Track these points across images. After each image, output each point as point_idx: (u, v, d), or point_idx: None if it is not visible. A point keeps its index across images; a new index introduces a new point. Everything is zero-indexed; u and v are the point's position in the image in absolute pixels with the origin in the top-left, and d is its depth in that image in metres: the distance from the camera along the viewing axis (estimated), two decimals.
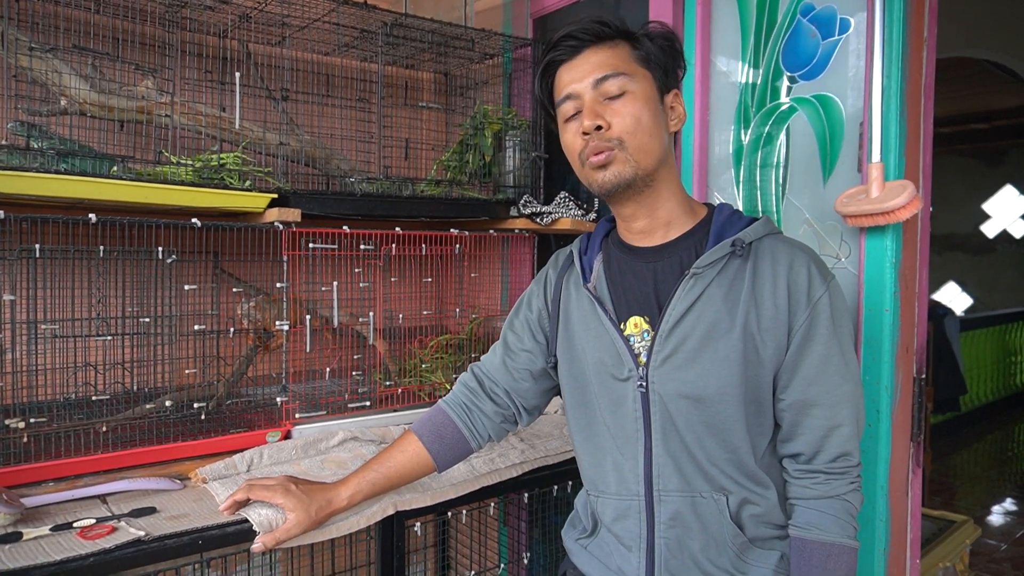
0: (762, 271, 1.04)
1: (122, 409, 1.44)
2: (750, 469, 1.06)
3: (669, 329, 1.06)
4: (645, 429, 1.09)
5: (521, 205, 1.90)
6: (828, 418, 1.02)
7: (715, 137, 1.67)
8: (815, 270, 1.04)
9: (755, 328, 1.03)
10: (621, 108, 1.05)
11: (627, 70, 1.06)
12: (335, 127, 1.88)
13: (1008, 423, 5.98)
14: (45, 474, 1.26)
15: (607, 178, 1.06)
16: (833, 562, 1.01)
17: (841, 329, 1.03)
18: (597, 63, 1.07)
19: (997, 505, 4.08)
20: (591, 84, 1.06)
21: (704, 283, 1.05)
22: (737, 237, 1.06)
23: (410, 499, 1.30)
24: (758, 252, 1.06)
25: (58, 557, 1.00)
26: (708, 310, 1.04)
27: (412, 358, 1.85)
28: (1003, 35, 4.61)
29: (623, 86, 1.05)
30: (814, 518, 1.03)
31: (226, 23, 1.68)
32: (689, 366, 1.05)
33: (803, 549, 1.03)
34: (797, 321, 1.02)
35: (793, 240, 1.09)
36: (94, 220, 1.31)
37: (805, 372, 1.03)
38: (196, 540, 1.11)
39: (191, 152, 1.55)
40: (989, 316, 6.21)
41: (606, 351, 1.11)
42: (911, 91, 1.32)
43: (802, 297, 1.02)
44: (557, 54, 1.10)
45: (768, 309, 1.03)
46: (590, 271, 1.18)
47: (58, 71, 1.41)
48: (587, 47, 1.08)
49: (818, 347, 1.02)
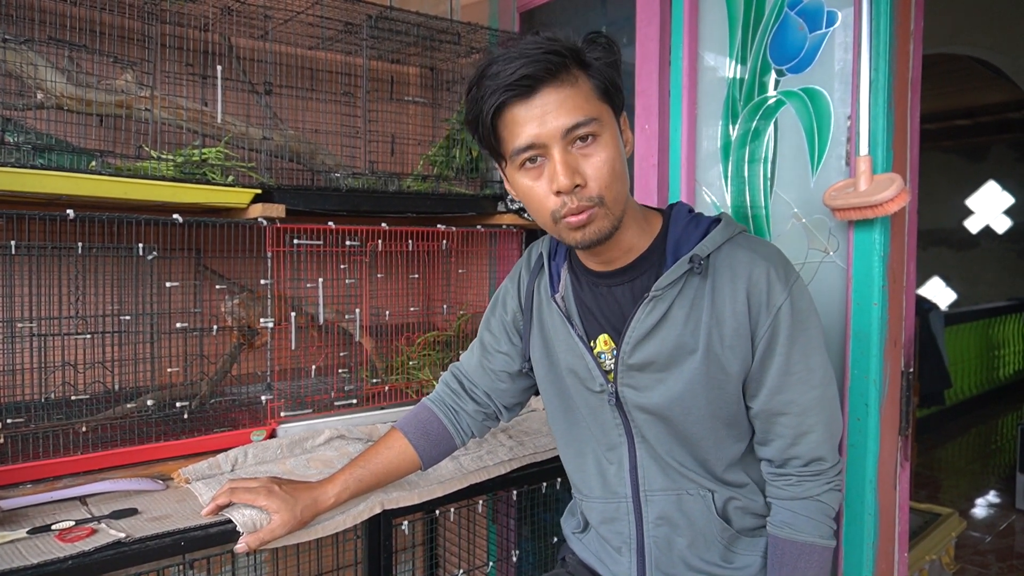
0: (721, 286, 1.02)
1: (103, 409, 1.41)
2: (720, 476, 1.08)
3: (630, 351, 1.05)
4: (627, 434, 1.11)
5: (508, 201, 1.89)
6: (795, 426, 1.03)
7: (703, 132, 1.66)
8: (775, 275, 1.01)
9: (719, 347, 1.02)
10: (594, 157, 0.96)
11: (594, 112, 0.96)
12: (319, 122, 1.85)
13: (991, 417, 6.04)
14: (23, 476, 1.23)
15: (587, 236, 0.99)
16: (804, 561, 1.03)
17: (806, 333, 1.01)
18: (560, 106, 0.94)
19: (981, 498, 4.12)
20: (559, 133, 0.94)
21: (665, 305, 1.03)
22: (694, 253, 1.02)
23: (397, 497, 1.28)
24: (716, 265, 1.03)
25: (35, 560, 0.98)
26: (671, 333, 1.03)
27: (399, 355, 1.83)
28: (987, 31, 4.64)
29: (593, 131, 0.96)
30: (788, 517, 1.04)
31: (208, 16, 1.65)
32: (654, 386, 1.05)
33: (776, 547, 1.05)
34: (759, 331, 1.01)
35: (754, 242, 1.05)
36: (72, 216, 1.28)
37: (770, 383, 1.02)
38: (179, 541, 1.09)
39: (172, 147, 1.53)
40: (973, 311, 6.27)
41: (578, 365, 1.12)
42: (898, 84, 1.32)
43: (762, 307, 1.00)
44: (509, 96, 0.95)
45: (730, 325, 1.01)
46: (558, 280, 1.15)
47: (34, 64, 1.38)
48: (543, 85, 0.94)
49: (779, 358, 1.01)
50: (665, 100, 1.69)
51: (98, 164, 1.41)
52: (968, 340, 5.97)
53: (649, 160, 1.70)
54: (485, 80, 0.96)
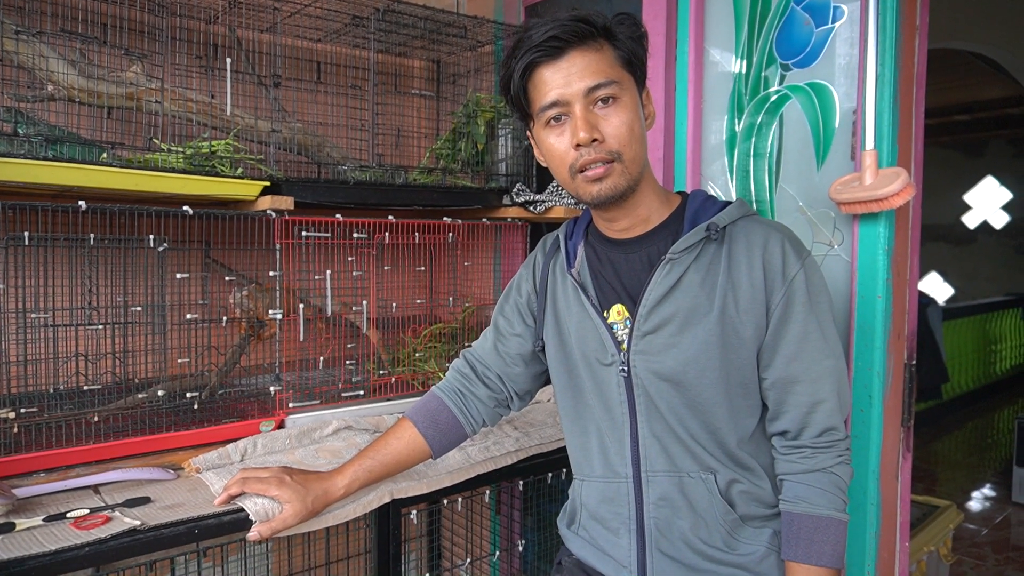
0: (737, 253, 1.05)
1: (114, 399, 1.42)
2: (731, 451, 1.08)
3: (647, 314, 1.07)
4: (631, 412, 1.11)
5: (514, 194, 1.89)
6: (810, 394, 1.04)
7: (708, 126, 1.67)
8: (789, 248, 1.04)
9: (733, 311, 1.04)
10: (614, 117, 1.03)
11: (616, 76, 1.03)
12: (326, 115, 1.86)
13: (988, 411, 6.08)
14: (37, 464, 1.24)
15: (603, 191, 1.04)
16: (821, 534, 1.02)
17: (819, 305, 1.04)
18: (585, 68, 1.02)
19: (977, 491, 4.15)
20: (582, 92, 1.02)
21: (681, 269, 1.06)
22: (711, 221, 1.06)
23: (406, 487, 1.30)
24: (733, 235, 1.07)
25: (53, 547, 0.99)
26: (686, 296, 1.05)
27: (405, 347, 1.84)
28: (986, 26, 4.65)
29: (613, 93, 1.02)
30: (802, 492, 1.04)
31: (216, 9, 1.65)
32: (668, 350, 1.06)
33: (791, 523, 1.05)
34: (774, 299, 1.03)
35: (767, 219, 1.10)
36: (84, 207, 1.29)
37: (785, 350, 1.04)
38: (192, 529, 1.10)
39: (181, 139, 1.53)
40: (970, 305, 6.30)
41: (590, 337, 1.13)
42: (904, 79, 1.33)
43: (777, 275, 1.03)
44: (539, 55, 1.03)
45: (745, 290, 1.04)
46: (574, 256, 1.19)
47: (44, 56, 1.39)
48: (571, 48, 1.02)
49: (796, 325, 1.03)
50: (671, 94, 1.70)
51: (109, 156, 1.41)
52: (965, 335, 6.00)
53: (655, 154, 1.71)
54: (520, 43, 1.05)
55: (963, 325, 5.95)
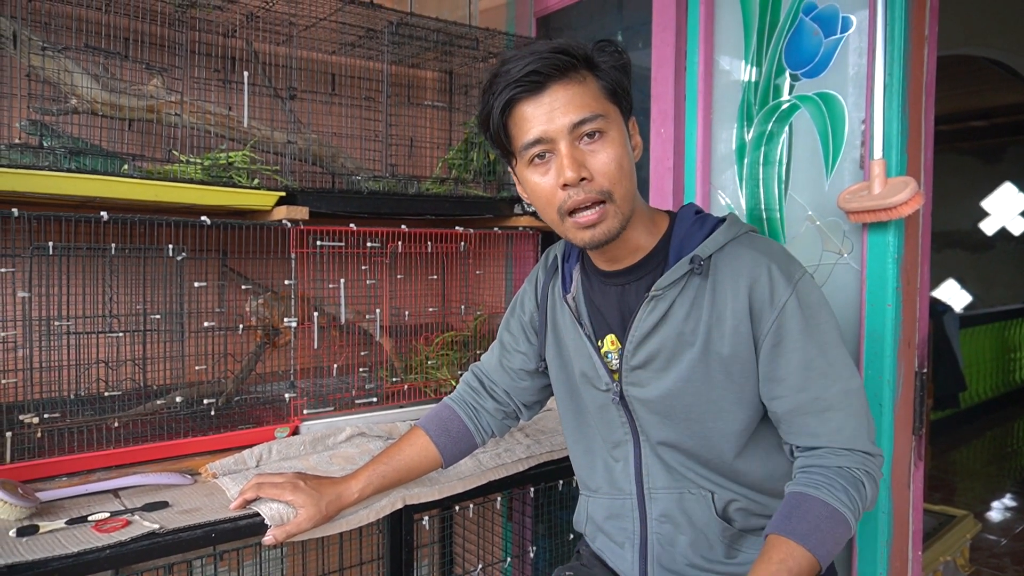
0: (722, 285, 1.01)
1: (133, 405, 1.45)
2: (729, 472, 1.07)
3: (633, 350, 1.07)
4: (632, 432, 1.12)
5: (525, 203, 1.91)
6: (822, 423, 0.99)
7: (718, 135, 1.68)
8: (777, 273, 0.99)
9: (719, 345, 1.01)
10: (602, 153, 0.98)
11: (601, 109, 0.98)
12: (340, 126, 1.89)
13: (1007, 420, 5.99)
14: (59, 469, 1.27)
15: (596, 236, 1.00)
16: (810, 513, 0.93)
17: (818, 328, 0.98)
18: (569, 102, 0.97)
19: (997, 501, 4.09)
20: (566, 128, 0.97)
21: (666, 304, 1.03)
22: (695, 254, 1.02)
23: (418, 493, 1.31)
24: (718, 265, 1.02)
25: (75, 549, 1.02)
26: (671, 331, 1.03)
27: (418, 355, 1.86)
28: (1002, 32, 4.62)
29: (600, 127, 0.98)
30: (804, 479, 0.98)
31: (234, 23, 1.69)
32: (655, 385, 1.06)
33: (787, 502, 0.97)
34: (763, 329, 0.99)
35: (757, 241, 1.04)
36: (105, 218, 1.32)
37: (790, 381, 0.99)
38: (209, 533, 1.13)
39: (200, 151, 1.57)
40: (988, 313, 6.22)
41: (586, 364, 1.14)
42: (912, 88, 1.34)
43: (765, 305, 0.99)
44: (519, 92, 0.98)
45: (729, 324, 1.00)
46: (571, 281, 1.17)
47: (69, 71, 1.43)
48: (552, 82, 0.97)
49: (795, 354, 0.98)
50: (681, 104, 1.72)
51: (130, 167, 1.45)
52: (983, 343, 5.93)
53: (665, 163, 1.73)
54: (497, 78, 1.00)
55: (981, 333, 5.88)
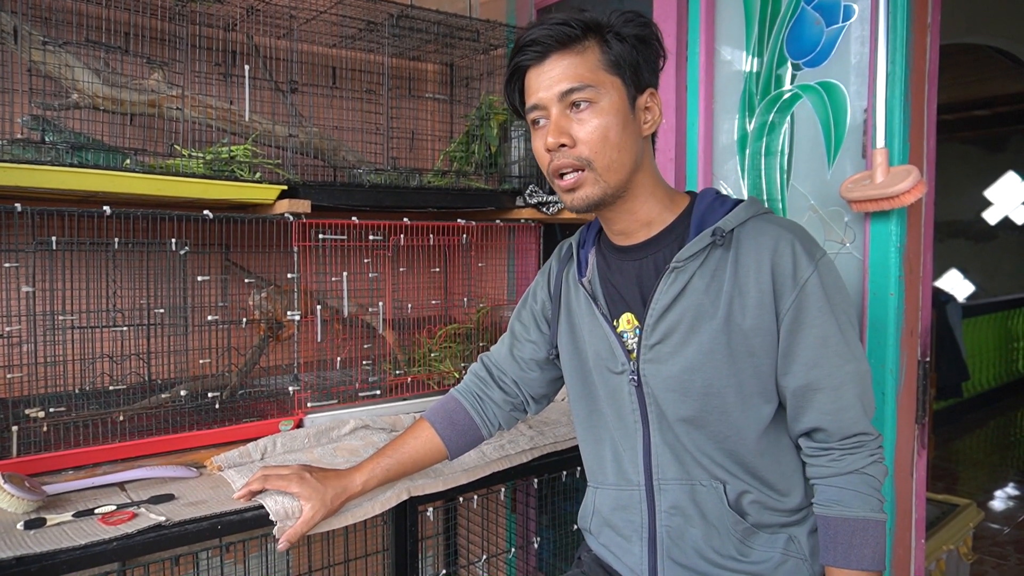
0: (745, 258, 1.02)
1: (138, 399, 1.46)
2: (743, 462, 1.06)
3: (653, 323, 1.06)
4: (643, 420, 1.10)
5: (527, 195, 1.91)
6: (833, 401, 1.00)
7: (720, 126, 1.68)
8: (800, 249, 1.00)
9: (740, 316, 1.01)
10: (587, 123, 1.02)
11: (593, 80, 1.01)
12: (342, 119, 1.89)
13: (1010, 409, 6.00)
14: (65, 462, 1.28)
15: (575, 200, 1.05)
16: (859, 537, 0.99)
17: (837, 307, 1.00)
18: (562, 72, 1.02)
19: (999, 490, 4.10)
20: (556, 96, 1.02)
21: (686, 276, 1.03)
22: (717, 226, 1.03)
23: (423, 484, 1.32)
24: (740, 238, 1.03)
25: (82, 542, 1.02)
26: (691, 303, 1.03)
27: (421, 347, 1.87)
28: (1006, 21, 4.60)
29: (588, 97, 1.01)
30: (835, 495, 1.01)
31: (234, 16, 1.69)
32: (674, 359, 1.04)
33: (828, 527, 1.02)
34: (784, 304, 1.00)
35: (779, 219, 1.06)
36: (108, 212, 1.32)
37: (804, 356, 1.00)
38: (215, 525, 1.13)
39: (201, 145, 1.57)
40: (991, 303, 6.22)
41: (601, 345, 1.13)
42: (915, 77, 1.33)
43: (787, 280, 0.99)
44: (523, 59, 1.05)
45: (752, 296, 1.00)
46: (586, 265, 1.18)
47: (70, 65, 1.43)
48: (552, 52, 1.03)
49: (813, 329, 0.99)
50: (682, 94, 1.71)
51: (132, 162, 1.45)
52: (986, 332, 5.92)
53: (667, 154, 1.72)
54: (514, 47, 1.08)
55: (984, 322, 5.87)
